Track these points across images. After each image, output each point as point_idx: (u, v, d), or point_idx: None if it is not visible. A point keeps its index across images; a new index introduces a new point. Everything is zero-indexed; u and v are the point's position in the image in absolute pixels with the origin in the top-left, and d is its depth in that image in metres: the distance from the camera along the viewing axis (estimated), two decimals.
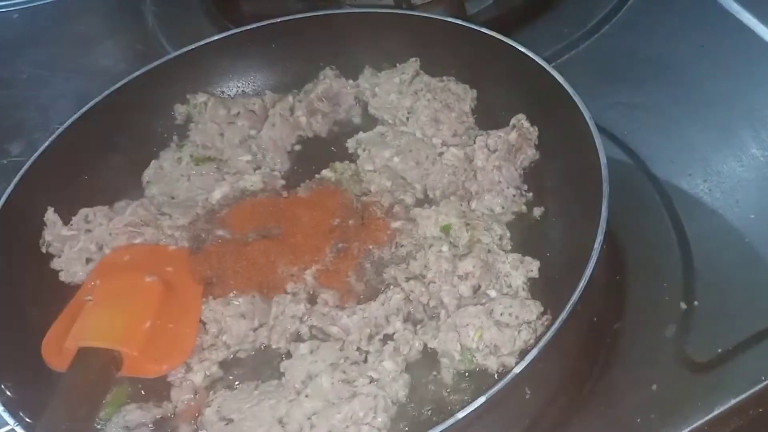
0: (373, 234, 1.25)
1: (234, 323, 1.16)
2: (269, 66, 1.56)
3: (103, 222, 1.28)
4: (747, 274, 1.20)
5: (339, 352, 1.10)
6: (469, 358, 1.07)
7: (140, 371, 1.12)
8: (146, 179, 1.40)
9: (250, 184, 1.36)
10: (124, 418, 1.09)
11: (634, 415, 1.06)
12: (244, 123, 1.45)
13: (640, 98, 1.49)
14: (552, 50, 1.61)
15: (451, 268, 1.16)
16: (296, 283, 1.22)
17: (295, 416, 1.02)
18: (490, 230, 1.21)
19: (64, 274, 1.26)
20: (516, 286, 1.15)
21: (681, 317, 1.16)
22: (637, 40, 1.62)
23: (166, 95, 1.49)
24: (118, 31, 1.93)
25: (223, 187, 1.35)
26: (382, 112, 1.46)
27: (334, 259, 1.24)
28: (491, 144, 1.31)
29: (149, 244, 1.28)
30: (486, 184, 1.28)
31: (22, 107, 1.74)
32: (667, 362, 1.11)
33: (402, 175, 1.34)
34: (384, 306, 1.15)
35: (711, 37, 1.58)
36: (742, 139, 1.39)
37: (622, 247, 1.25)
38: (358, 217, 1.28)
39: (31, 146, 1.54)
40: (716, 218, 1.28)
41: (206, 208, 1.34)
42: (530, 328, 1.07)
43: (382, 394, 1.03)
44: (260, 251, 1.24)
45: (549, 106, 1.28)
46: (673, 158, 1.38)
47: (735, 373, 1.09)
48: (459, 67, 1.45)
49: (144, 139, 1.46)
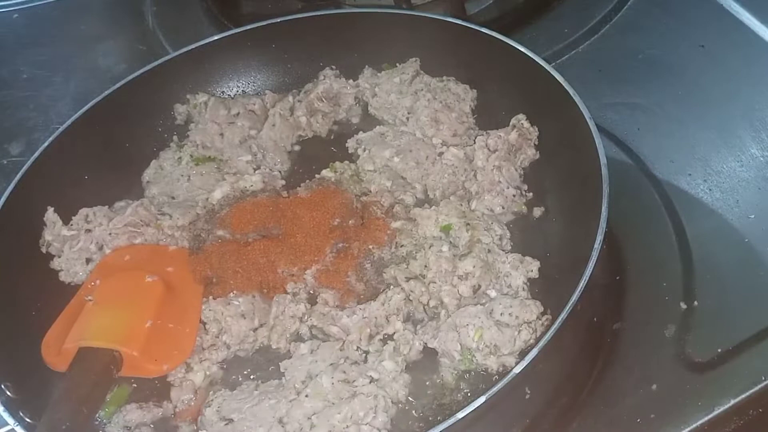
0: (373, 234, 1.25)
1: (234, 323, 1.16)
2: (269, 66, 1.56)
3: (103, 222, 1.28)
4: (747, 274, 1.20)
5: (339, 352, 1.10)
6: (469, 358, 1.07)
7: (140, 371, 1.12)
8: (146, 179, 1.40)
9: (250, 184, 1.36)
10: (124, 418, 1.09)
11: (634, 415, 1.06)
12: (244, 123, 1.45)
13: (640, 98, 1.49)
14: (552, 50, 1.61)
15: (451, 268, 1.16)
16: (296, 283, 1.22)
17: (295, 416, 1.02)
18: (490, 230, 1.21)
19: (64, 274, 1.26)
20: (516, 286, 1.15)
21: (681, 317, 1.16)
22: (637, 40, 1.62)
23: (166, 95, 1.49)
24: (119, 31, 1.93)
25: (223, 187, 1.35)
26: (382, 113, 1.46)
27: (334, 259, 1.24)
28: (491, 144, 1.31)
29: (149, 244, 1.28)
30: (486, 184, 1.28)
31: (22, 107, 1.74)
32: (667, 362, 1.11)
33: (402, 175, 1.35)
34: (384, 306, 1.15)
35: (711, 37, 1.58)
36: (742, 139, 1.39)
37: (622, 247, 1.25)
38: (358, 217, 1.28)
39: (31, 146, 1.55)
40: (716, 218, 1.28)
41: (206, 208, 1.34)
42: (530, 328, 1.07)
43: (382, 394, 1.03)
44: (260, 251, 1.25)
45: (549, 106, 1.28)
46: (673, 158, 1.38)
47: (735, 373, 1.09)
48: (459, 67, 1.45)
49: (144, 139, 1.46)
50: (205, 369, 1.14)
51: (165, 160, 1.42)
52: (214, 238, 1.28)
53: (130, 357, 1.09)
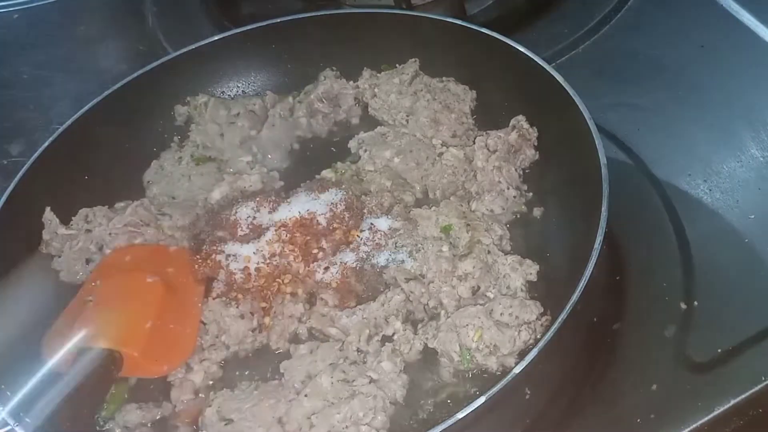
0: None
1: (233, 323, 1.16)
2: (269, 66, 1.56)
3: (103, 222, 1.28)
4: (747, 274, 1.20)
5: (338, 352, 1.10)
6: (468, 358, 1.07)
7: (141, 371, 1.12)
8: (147, 179, 1.40)
9: (249, 185, 1.37)
10: (124, 418, 1.09)
11: (634, 415, 1.06)
12: (244, 123, 1.45)
13: (640, 98, 1.49)
14: (552, 50, 1.61)
15: (450, 268, 1.16)
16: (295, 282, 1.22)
17: (295, 416, 1.02)
18: (491, 231, 1.21)
19: (64, 274, 1.26)
20: (515, 287, 1.15)
21: (681, 317, 1.16)
22: (637, 40, 1.62)
23: (166, 95, 1.49)
24: (118, 32, 1.93)
25: (221, 188, 1.35)
26: (381, 113, 1.46)
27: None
28: (491, 144, 1.31)
29: (150, 244, 1.28)
30: (486, 184, 1.28)
31: (23, 107, 1.74)
32: (667, 362, 1.11)
33: (402, 175, 1.35)
34: (384, 306, 1.15)
35: (711, 37, 1.58)
36: (742, 140, 1.39)
37: (622, 247, 1.25)
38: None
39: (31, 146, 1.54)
40: (716, 218, 1.28)
41: (206, 208, 1.34)
42: (530, 329, 1.07)
43: (381, 394, 1.03)
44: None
45: (549, 106, 1.28)
46: (673, 158, 1.38)
47: (735, 373, 1.09)
48: (459, 67, 1.45)
49: (144, 139, 1.46)
50: (205, 369, 1.14)
51: (165, 160, 1.42)
52: (214, 238, 1.28)
53: (130, 357, 1.09)
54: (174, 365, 1.14)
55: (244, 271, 1.21)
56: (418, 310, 1.17)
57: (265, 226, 1.26)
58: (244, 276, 1.21)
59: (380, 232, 1.24)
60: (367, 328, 1.13)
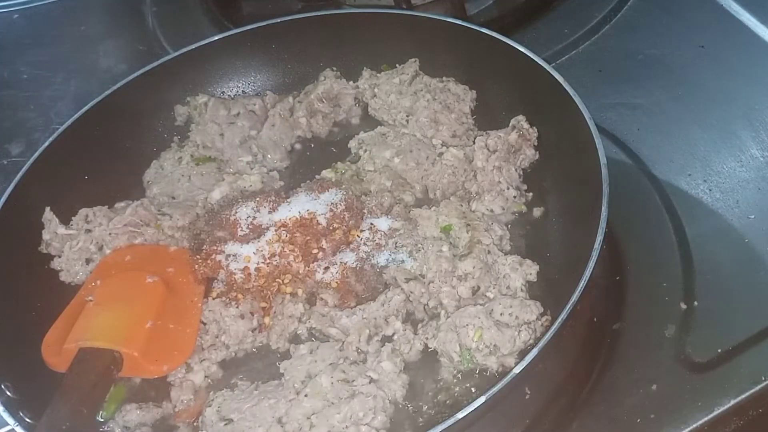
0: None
1: (233, 324, 1.16)
2: (269, 66, 1.56)
3: (103, 222, 1.28)
4: (747, 274, 1.20)
5: (338, 352, 1.10)
6: (468, 358, 1.07)
7: (141, 372, 1.12)
8: (147, 179, 1.40)
9: (249, 185, 1.37)
10: (124, 418, 1.09)
11: (634, 415, 1.06)
12: (244, 123, 1.45)
13: (640, 98, 1.49)
14: (552, 50, 1.61)
15: (450, 268, 1.16)
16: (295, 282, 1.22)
17: (295, 416, 1.02)
18: (491, 231, 1.21)
19: (64, 274, 1.26)
20: (515, 287, 1.15)
21: (681, 317, 1.16)
22: (637, 40, 1.62)
23: (166, 95, 1.49)
24: (119, 32, 1.93)
25: (221, 188, 1.35)
26: (381, 113, 1.46)
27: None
28: (491, 144, 1.31)
29: (150, 244, 1.28)
30: (486, 184, 1.28)
31: (22, 107, 1.74)
32: (667, 362, 1.11)
33: (402, 175, 1.35)
34: (384, 307, 1.15)
35: (711, 37, 1.58)
36: (742, 139, 1.39)
37: (622, 247, 1.25)
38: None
39: (31, 146, 1.55)
40: (716, 218, 1.28)
41: (206, 208, 1.34)
42: (530, 329, 1.07)
43: (381, 394, 1.03)
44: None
45: (549, 106, 1.28)
46: (673, 158, 1.38)
47: (735, 373, 1.09)
48: (459, 67, 1.45)
49: (144, 139, 1.46)
50: (204, 369, 1.14)
51: (165, 160, 1.42)
52: (214, 238, 1.28)
53: (130, 357, 1.09)
54: (174, 365, 1.14)
55: (244, 271, 1.21)
56: (418, 310, 1.17)
57: (265, 226, 1.26)
58: (244, 276, 1.21)
59: (380, 232, 1.24)
60: (367, 328, 1.13)
